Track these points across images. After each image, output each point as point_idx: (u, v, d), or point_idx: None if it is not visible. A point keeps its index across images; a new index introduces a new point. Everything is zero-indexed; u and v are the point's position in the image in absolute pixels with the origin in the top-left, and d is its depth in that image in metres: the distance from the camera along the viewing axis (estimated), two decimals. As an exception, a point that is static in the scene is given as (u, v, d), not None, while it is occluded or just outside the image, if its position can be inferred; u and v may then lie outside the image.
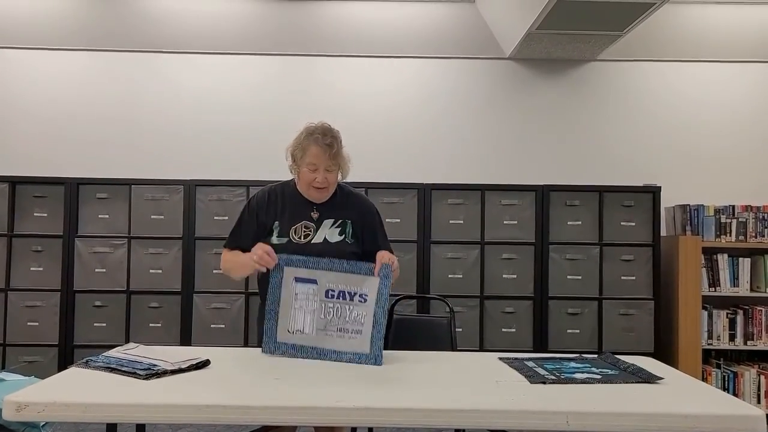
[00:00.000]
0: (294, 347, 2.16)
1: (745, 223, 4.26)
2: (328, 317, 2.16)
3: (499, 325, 4.20)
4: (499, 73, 4.74)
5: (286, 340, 2.17)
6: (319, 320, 2.16)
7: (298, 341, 2.16)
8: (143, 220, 4.23)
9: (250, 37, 4.69)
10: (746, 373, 4.19)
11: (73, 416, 1.58)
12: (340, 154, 2.32)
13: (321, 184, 2.29)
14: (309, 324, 2.16)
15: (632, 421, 1.57)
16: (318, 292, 2.18)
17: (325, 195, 2.35)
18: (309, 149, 2.28)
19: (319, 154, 2.26)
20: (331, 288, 2.18)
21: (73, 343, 4.18)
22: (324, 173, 2.28)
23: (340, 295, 2.18)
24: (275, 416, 1.60)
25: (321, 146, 2.26)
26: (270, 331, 2.18)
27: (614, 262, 4.22)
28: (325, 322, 2.16)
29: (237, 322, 4.17)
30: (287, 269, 2.19)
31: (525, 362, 2.10)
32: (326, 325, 2.16)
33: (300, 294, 2.18)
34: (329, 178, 2.30)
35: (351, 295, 2.17)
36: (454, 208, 4.26)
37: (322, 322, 2.16)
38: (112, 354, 2.00)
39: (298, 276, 2.19)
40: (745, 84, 4.72)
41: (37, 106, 4.66)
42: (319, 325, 2.16)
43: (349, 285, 2.18)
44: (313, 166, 2.28)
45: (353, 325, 2.16)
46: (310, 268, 2.19)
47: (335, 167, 2.31)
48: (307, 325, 2.16)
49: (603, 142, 4.71)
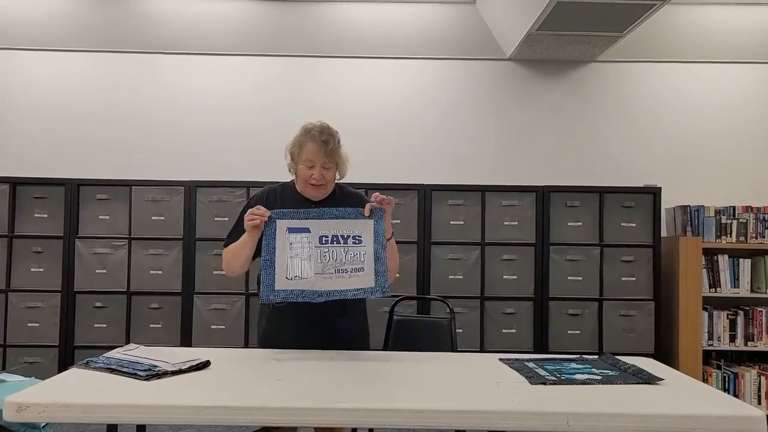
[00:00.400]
0: (293, 293, 2.20)
1: (745, 224, 4.26)
2: (324, 261, 2.21)
3: (499, 326, 4.20)
4: (500, 74, 4.75)
5: (285, 287, 2.20)
6: (316, 265, 2.21)
7: (298, 286, 2.20)
8: (144, 221, 4.23)
9: (251, 38, 4.70)
10: (747, 374, 4.19)
11: (74, 417, 1.58)
12: (337, 151, 2.33)
13: (317, 181, 2.31)
14: (307, 269, 2.20)
15: (632, 422, 1.56)
16: (311, 239, 2.22)
17: (323, 192, 2.35)
18: (306, 146, 2.30)
19: (315, 150, 2.28)
20: (324, 234, 2.23)
21: (73, 344, 4.18)
22: (320, 170, 2.29)
23: (334, 239, 2.23)
24: (275, 417, 1.60)
25: (317, 143, 2.28)
26: (267, 280, 2.20)
27: (614, 263, 4.22)
28: (323, 266, 2.21)
29: (237, 323, 4.17)
30: (279, 222, 2.23)
31: (525, 363, 2.10)
32: (323, 268, 2.21)
33: (294, 243, 2.22)
34: (326, 176, 2.31)
35: (344, 238, 2.23)
36: (454, 209, 4.26)
37: (319, 266, 2.21)
38: (112, 355, 2.00)
39: (291, 226, 2.23)
40: (746, 85, 4.72)
41: (37, 107, 4.67)
42: (316, 269, 2.20)
43: (340, 229, 2.24)
44: (309, 163, 2.30)
45: (351, 264, 2.21)
46: (301, 218, 2.24)
47: (332, 164, 2.32)
48: (305, 271, 2.20)
49: (603, 143, 4.71)
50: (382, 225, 2.25)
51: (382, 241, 2.24)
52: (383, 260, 2.23)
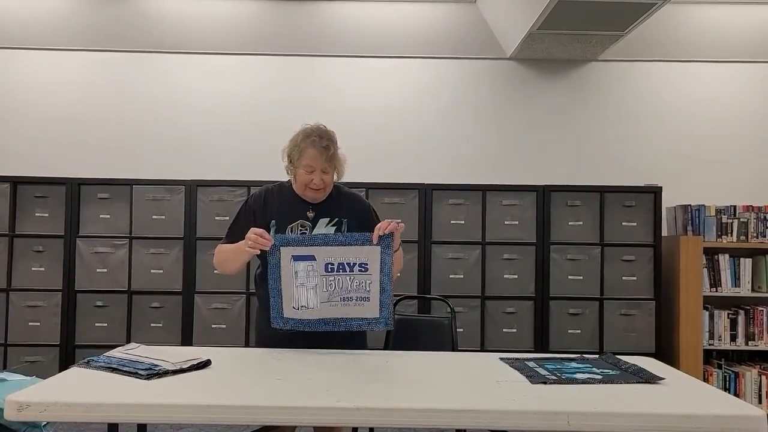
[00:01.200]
0: (301, 322, 2.21)
1: (746, 223, 4.26)
2: (330, 290, 2.20)
3: (500, 326, 4.20)
4: (500, 74, 4.74)
5: (293, 316, 2.21)
6: (322, 294, 2.20)
7: (304, 316, 2.21)
8: (144, 221, 4.23)
9: (251, 37, 4.70)
10: (747, 373, 4.19)
11: (75, 416, 1.58)
12: (336, 156, 2.34)
13: (317, 186, 2.31)
14: (312, 299, 2.20)
15: (633, 422, 1.56)
16: (317, 267, 2.21)
17: (321, 196, 2.37)
18: (306, 151, 2.30)
19: (315, 156, 2.28)
20: (330, 261, 2.21)
21: (74, 343, 4.18)
22: (320, 175, 2.30)
23: (340, 267, 2.21)
24: (276, 416, 1.61)
25: (318, 149, 2.28)
26: (276, 307, 2.22)
27: (615, 263, 4.22)
28: (328, 295, 2.20)
29: (238, 323, 4.17)
30: (283, 249, 2.21)
31: (526, 362, 2.10)
32: (329, 297, 2.20)
33: (300, 272, 2.21)
34: (325, 180, 2.32)
35: (350, 266, 2.21)
36: (455, 209, 4.26)
37: (324, 294, 2.20)
38: (113, 354, 2.00)
39: (296, 254, 2.21)
40: (747, 84, 4.71)
41: (38, 106, 4.67)
42: (322, 298, 2.20)
43: (346, 256, 2.21)
44: (309, 168, 2.30)
45: (357, 293, 2.20)
46: (306, 246, 2.22)
47: (331, 169, 2.33)
48: (310, 300, 2.20)
49: (604, 142, 4.71)
50: (390, 255, 2.21)
51: (389, 272, 2.20)
52: (389, 292, 2.21)
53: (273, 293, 2.21)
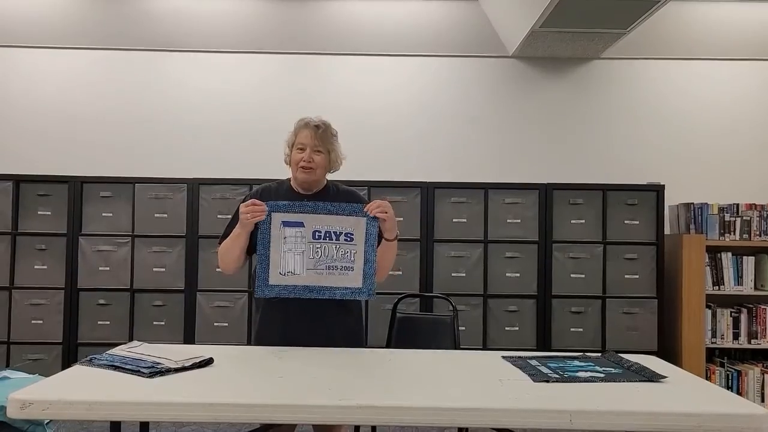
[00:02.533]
0: (286, 288, 2.26)
1: (749, 221, 4.25)
2: (317, 257, 2.26)
3: (502, 324, 4.20)
4: (503, 72, 4.74)
5: (278, 282, 2.25)
6: (308, 260, 2.26)
7: (290, 282, 2.25)
8: (147, 219, 4.24)
9: (253, 35, 4.70)
10: (750, 371, 4.18)
11: (77, 414, 1.59)
12: (329, 139, 2.40)
13: (307, 163, 2.35)
14: (299, 264, 2.25)
15: (636, 420, 1.56)
16: (305, 233, 2.27)
17: (312, 177, 2.38)
18: (300, 132, 2.40)
19: (307, 134, 2.37)
20: (318, 229, 2.28)
21: (77, 341, 4.19)
22: (310, 153, 2.35)
23: (326, 235, 2.28)
24: (278, 414, 1.60)
25: (310, 128, 2.38)
26: (262, 275, 2.25)
27: (618, 261, 4.22)
28: (314, 262, 2.26)
29: (240, 321, 4.17)
30: (274, 215, 2.27)
31: (528, 361, 2.09)
32: (315, 264, 2.26)
33: (288, 237, 2.26)
34: (315, 159, 2.36)
35: (336, 235, 2.27)
36: (457, 207, 4.26)
37: (311, 261, 2.26)
38: (115, 352, 2.00)
39: (285, 220, 2.27)
40: (750, 82, 4.70)
41: (40, 104, 4.67)
42: (308, 265, 2.26)
43: (333, 226, 2.28)
44: (301, 146, 2.37)
45: (341, 262, 2.27)
46: (296, 212, 2.27)
47: (323, 150, 2.38)
48: (297, 266, 2.25)
49: (606, 141, 4.70)
50: (375, 227, 2.28)
51: (372, 243, 2.28)
52: (372, 263, 2.28)
53: (260, 260, 2.25)
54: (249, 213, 2.23)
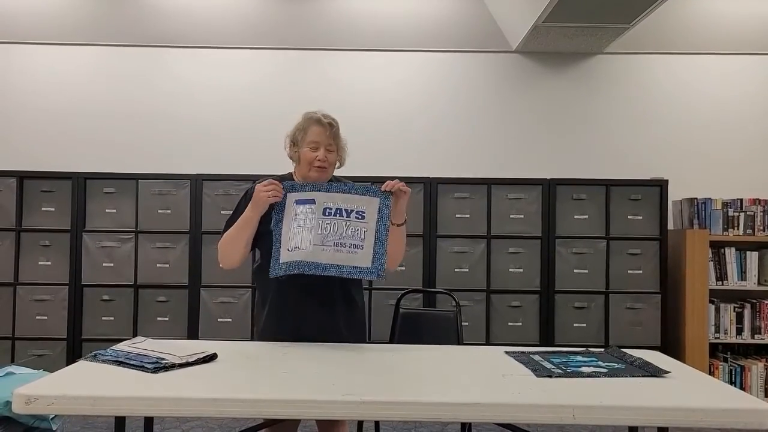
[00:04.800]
0: (292, 264, 2.19)
1: (752, 216, 4.25)
2: (325, 232, 2.20)
3: (505, 319, 4.20)
4: (506, 67, 4.73)
5: (287, 259, 2.20)
6: (316, 236, 2.19)
7: (297, 257, 2.19)
8: (150, 215, 4.25)
9: (256, 31, 4.69)
10: (753, 367, 4.18)
11: (82, 409, 1.59)
12: (339, 135, 2.37)
13: (322, 162, 2.30)
14: (306, 239, 2.19)
15: (638, 415, 1.56)
16: (316, 210, 2.22)
17: (325, 176, 2.35)
18: (310, 129, 2.32)
19: (320, 132, 2.31)
20: (329, 206, 2.22)
21: (81, 337, 4.21)
22: (325, 152, 2.31)
23: (337, 212, 2.22)
24: (282, 410, 1.61)
25: (323, 125, 2.31)
26: (275, 255, 2.22)
27: (621, 256, 4.21)
28: (322, 238, 2.19)
29: (244, 316, 4.18)
30: (289, 195, 2.24)
31: (531, 356, 2.09)
32: (323, 240, 2.19)
33: (299, 214, 2.22)
34: (329, 158, 2.32)
35: (347, 212, 2.22)
36: (460, 202, 4.25)
37: (318, 237, 2.19)
38: (120, 347, 2.01)
39: (299, 198, 2.24)
40: (754, 77, 4.69)
41: (44, 101, 4.68)
42: (315, 240, 2.19)
43: (346, 203, 2.23)
44: (314, 145, 2.31)
45: (351, 239, 2.20)
46: (309, 191, 2.24)
47: (335, 148, 2.35)
48: (304, 241, 2.19)
49: (610, 136, 4.69)
50: (389, 207, 2.22)
51: (385, 222, 2.21)
52: (383, 242, 2.20)
53: (275, 240, 2.22)
54: (270, 192, 2.18)
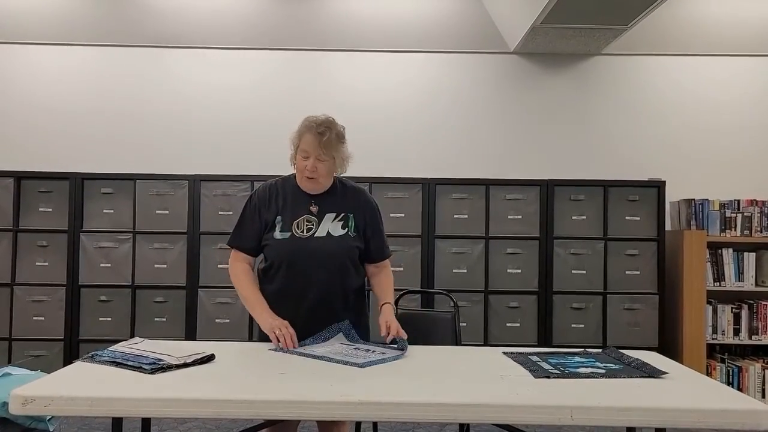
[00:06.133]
0: (306, 354, 2.13)
1: (750, 217, 4.25)
2: (339, 350, 2.14)
3: (503, 320, 4.20)
4: (504, 68, 4.73)
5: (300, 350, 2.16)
6: (331, 352, 2.13)
7: (310, 351, 2.13)
8: (148, 215, 4.24)
9: (255, 32, 4.69)
10: (751, 367, 4.19)
11: (79, 410, 1.59)
12: (334, 145, 2.28)
13: (309, 173, 2.27)
14: (320, 351, 2.12)
15: (636, 416, 1.56)
16: (333, 343, 2.21)
17: (315, 186, 2.32)
18: (303, 136, 2.28)
19: (311, 141, 2.26)
20: (346, 342, 2.23)
21: (78, 338, 4.20)
22: (314, 162, 2.26)
23: (354, 346, 2.21)
24: (280, 411, 1.61)
25: (314, 134, 2.26)
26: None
27: (619, 257, 4.22)
28: (335, 351, 2.14)
29: (242, 317, 4.18)
30: (301, 348, 2.16)
31: (529, 357, 2.10)
32: (335, 352, 2.13)
33: (315, 348, 2.17)
34: (319, 168, 2.27)
35: (365, 351, 2.15)
36: (458, 203, 4.26)
37: (331, 351, 2.14)
38: (117, 348, 2.01)
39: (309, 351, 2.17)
40: (752, 78, 4.69)
41: (41, 101, 4.67)
42: (328, 352, 2.13)
43: (363, 344, 2.23)
44: (305, 153, 2.27)
45: (365, 354, 2.12)
46: (318, 343, 2.20)
47: (327, 157, 2.27)
48: (317, 351, 2.12)
49: (607, 137, 4.69)
50: (406, 350, 2.15)
51: (401, 356, 2.12)
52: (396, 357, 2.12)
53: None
54: (279, 336, 2.13)
